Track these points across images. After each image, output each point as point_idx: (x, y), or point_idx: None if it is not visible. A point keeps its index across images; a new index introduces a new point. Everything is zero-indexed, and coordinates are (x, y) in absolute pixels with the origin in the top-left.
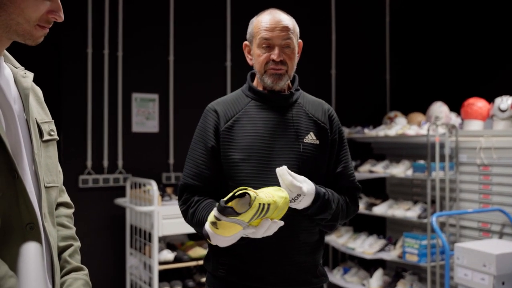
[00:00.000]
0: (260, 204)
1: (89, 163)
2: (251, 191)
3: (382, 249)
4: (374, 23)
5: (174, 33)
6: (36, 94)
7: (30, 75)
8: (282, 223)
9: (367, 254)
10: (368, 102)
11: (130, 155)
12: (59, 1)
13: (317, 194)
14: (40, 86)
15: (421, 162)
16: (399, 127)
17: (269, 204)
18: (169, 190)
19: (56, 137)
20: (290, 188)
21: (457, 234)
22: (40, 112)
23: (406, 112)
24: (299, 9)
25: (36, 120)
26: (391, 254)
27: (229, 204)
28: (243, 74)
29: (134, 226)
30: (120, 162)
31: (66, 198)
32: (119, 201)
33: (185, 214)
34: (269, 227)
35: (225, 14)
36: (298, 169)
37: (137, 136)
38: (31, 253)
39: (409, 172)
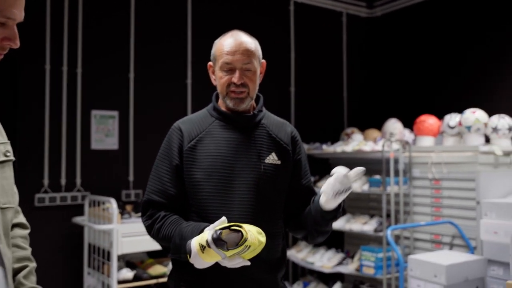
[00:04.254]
0: (246, 245)
1: (46, 181)
2: (244, 231)
3: (340, 263)
4: (332, 41)
5: (134, 49)
6: None
7: None
8: (248, 263)
9: (326, 268)
10: (326, 118)
11: (89, 172)
12: (15, 28)
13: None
14: None
15: (377, 177)
16: (356, 143)
17: (250, 246)
18: (128, 207)
19: (12, 158)
20: (348, 179)
21: (411, 246)
22: None
23: (362, 129)
24: (258, 28)
25: None
26: (349, 268)
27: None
28: (204, 92)
29: (93, 245)
30: (78, 180)
31: (21, 219)
32: (77, 219)
33: (149, 229)
34: (237, 263)
35: (186, 32)
36: (257, 189)
37: (96, 154)
38: None
39: (366, 187)
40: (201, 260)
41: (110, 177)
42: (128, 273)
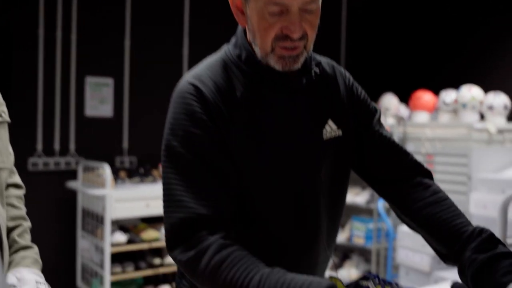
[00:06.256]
0: None
1: (39, 146)
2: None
3: None
4: (330, 15)
5: (131, 16)
6: None
7: None
8: None
9: None
10: None
11: (83, 138)
12: None
13: None
14: None
15: None
16: None
17: None
18: (122, 173)
19: (7, 119)
20: None
21: None
22: None
23: None
24: None
25: None
26: (340, 237)
27: None
28: (200, 60)
29: (86, 210)
30: (72, 146)
31: (16, 179)
32: (71, 184)
33: (194, 266)
34: None
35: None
36: (319, 172)
37: (90, 120)
38: None
39: None
40: None
41: (104, 143)
42: (121, 237)
